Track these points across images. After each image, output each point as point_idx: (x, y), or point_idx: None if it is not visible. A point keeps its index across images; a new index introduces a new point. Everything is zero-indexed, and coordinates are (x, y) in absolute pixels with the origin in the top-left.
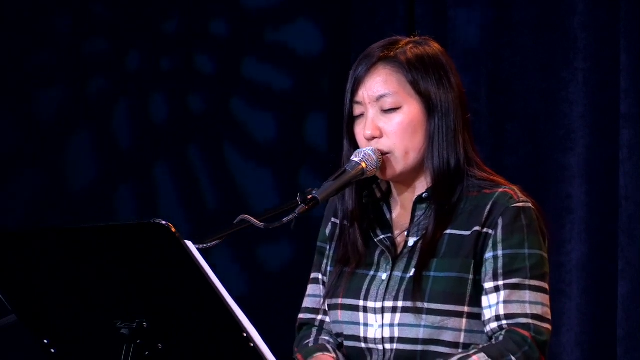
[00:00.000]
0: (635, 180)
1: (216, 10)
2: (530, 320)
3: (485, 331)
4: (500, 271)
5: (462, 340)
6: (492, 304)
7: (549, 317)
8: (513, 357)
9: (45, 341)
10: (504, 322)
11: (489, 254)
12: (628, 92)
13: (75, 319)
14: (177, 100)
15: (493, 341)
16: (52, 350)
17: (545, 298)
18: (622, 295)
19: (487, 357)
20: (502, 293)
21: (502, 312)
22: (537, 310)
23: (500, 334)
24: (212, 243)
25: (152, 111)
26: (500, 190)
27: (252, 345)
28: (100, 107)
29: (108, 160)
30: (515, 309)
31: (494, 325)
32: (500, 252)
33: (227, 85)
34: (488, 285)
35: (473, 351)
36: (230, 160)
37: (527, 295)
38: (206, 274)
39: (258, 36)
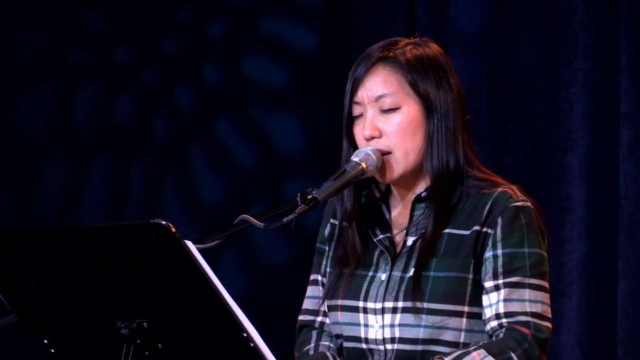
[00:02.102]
0: (635, 180)
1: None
2: (530, 318)
3: (486, 330)
4: (500, 270)
5: (462, 340)
6: (492, 303)
7: (549, 315)
8: (513, 354)
9: (45, 341)
10: (504, 320)
11: (488, 253)
12: (628, 92)
13: (75, 319)
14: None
15: (493, 339)
16: (52, 350)
17: (545, 296)
18: (622, 295)
19: (486, 354)
20: (502, 291)
21: (502, 310)
22: (537, 308)
23: (501, 332)
24: (212, 243)
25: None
26: (500, 189)
27: (252, 345)
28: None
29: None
30: (515, 307)
31: (494, 323)
32: (499, 251)
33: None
34: (488, 284)
35: (473, 347)
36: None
37: (527, 293)
38: (206, 274)
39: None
